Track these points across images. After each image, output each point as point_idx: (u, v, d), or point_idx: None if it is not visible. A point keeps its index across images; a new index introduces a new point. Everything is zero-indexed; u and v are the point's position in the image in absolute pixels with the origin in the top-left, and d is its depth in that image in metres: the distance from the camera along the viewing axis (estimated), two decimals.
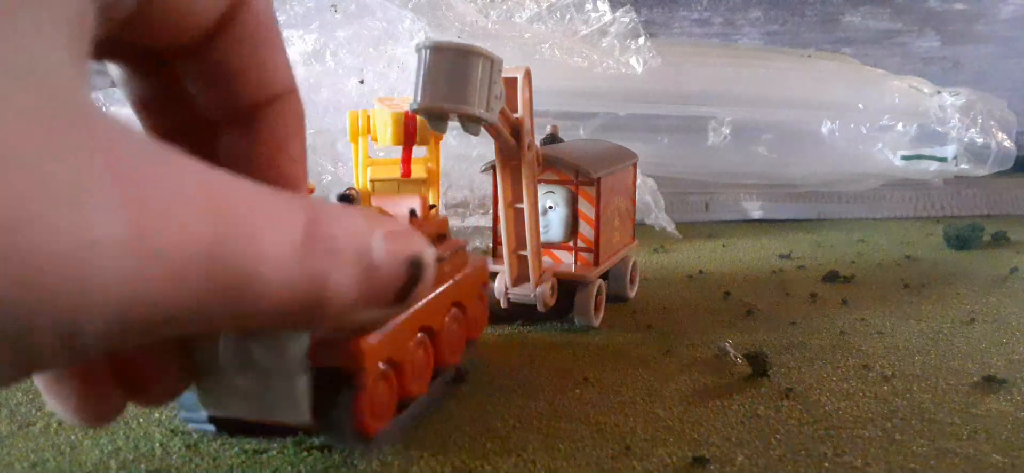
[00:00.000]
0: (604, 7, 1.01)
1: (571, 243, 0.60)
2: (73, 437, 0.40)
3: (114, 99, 0.90)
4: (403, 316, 0.38)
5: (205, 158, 0.18)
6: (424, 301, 0.41)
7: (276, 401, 0.33)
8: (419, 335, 0.41)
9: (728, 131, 1.09)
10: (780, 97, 1.08)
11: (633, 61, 0.99)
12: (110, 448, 0.39)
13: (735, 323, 0.60)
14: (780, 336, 0.57)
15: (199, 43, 0.22)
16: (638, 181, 0.73)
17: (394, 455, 0.38)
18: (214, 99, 0.24)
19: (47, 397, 0.21)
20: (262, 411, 0.33)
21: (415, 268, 0.21)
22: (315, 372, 0.31)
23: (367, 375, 0.36)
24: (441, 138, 0.64)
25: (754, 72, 1.10)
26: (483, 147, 0.88)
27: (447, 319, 0.45)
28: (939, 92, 1.13)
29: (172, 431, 0.41)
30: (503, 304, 0.57)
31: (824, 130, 1.12)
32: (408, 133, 0.60)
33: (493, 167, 0.56)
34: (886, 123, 1.12)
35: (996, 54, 1.62)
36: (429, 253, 0.22)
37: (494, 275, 0.57)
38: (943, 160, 1.12)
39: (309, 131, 0.96)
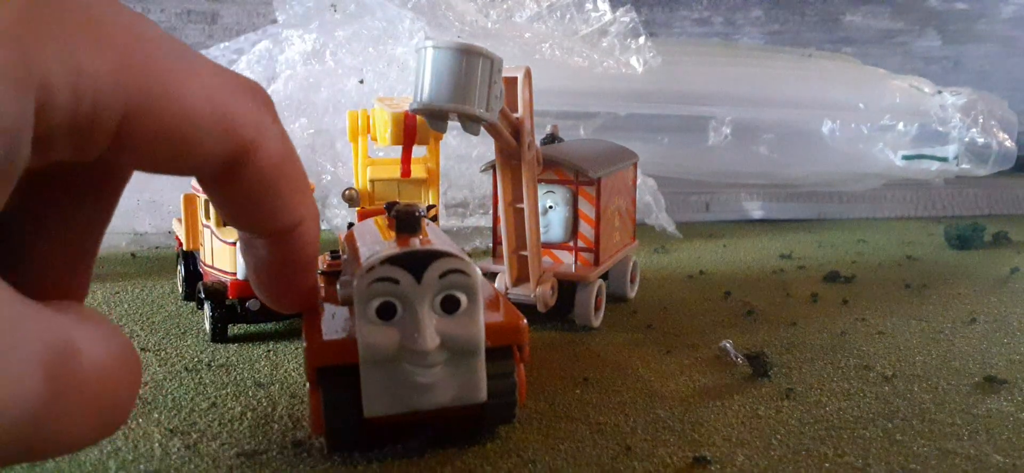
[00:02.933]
0: (604, 7, 1.01)
1: (571, 243, 0.60)
2: None
3: None
4: None
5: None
6: None
7: (456, 387, 0.36)
8: None
9: (729, 131, 1.09)
10: (781, 97, 1.08)
11: (633, 61, 0.99)
12: (109, 448, 0.39)
13: (735, 323, 0.60)
14: (781, 336, 0.57)
15: (212, 180, 0.24)
16: (638, 181, 0.73)
17: (394, 456, 0.38)
18: (234, 219, 0.27)
19: None
20: (434, 400, 0.36)
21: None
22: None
23: (528, 349, 0.39)
24: (441, 138, 0.64)
25: (755, 72, 1.10)
26: (483, 147, 0.88)
27: None
28: (940, 92, 1.13)
29: (171, 431, 0.41)
30: None
31: (825, 130, 1.12)
32: (408, 133, 0.60)
33: (493, 167, 0.56)
34: (887, 123, 1.12)
35: (997, 54, 1.62)
36: None
37: (494, 275, 0.57)
38: (944, 160, 1.12)
39: (309, 131, 0.96)
